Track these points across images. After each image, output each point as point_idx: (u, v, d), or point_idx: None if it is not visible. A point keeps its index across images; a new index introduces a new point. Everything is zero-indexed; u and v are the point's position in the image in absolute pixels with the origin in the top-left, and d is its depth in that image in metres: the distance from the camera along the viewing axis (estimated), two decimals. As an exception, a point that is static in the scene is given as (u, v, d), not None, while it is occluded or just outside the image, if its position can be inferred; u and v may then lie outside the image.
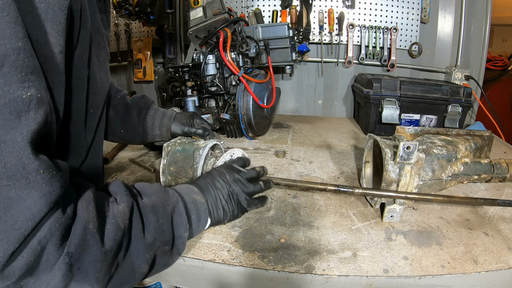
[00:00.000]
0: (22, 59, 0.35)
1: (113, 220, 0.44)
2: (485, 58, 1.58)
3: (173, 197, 0.55)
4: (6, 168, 0.33)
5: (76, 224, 0.40)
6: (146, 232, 0.48)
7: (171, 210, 0.52)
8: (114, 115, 0.87)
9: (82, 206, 0.41)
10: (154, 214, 0.50)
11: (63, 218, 0.38)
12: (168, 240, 0.51)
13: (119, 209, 0.46)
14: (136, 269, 0.47)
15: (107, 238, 0.42)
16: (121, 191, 0.49)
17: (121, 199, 0.47)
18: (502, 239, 0.71)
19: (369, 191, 0.76)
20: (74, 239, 0.39)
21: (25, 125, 0.34)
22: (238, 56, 1.25)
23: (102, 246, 0.41)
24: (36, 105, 0.36)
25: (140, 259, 0.47)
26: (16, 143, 0.33)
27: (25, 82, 0.35)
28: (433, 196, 0.74)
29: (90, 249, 0.40)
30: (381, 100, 1.32)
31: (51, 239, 0.37)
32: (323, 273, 0.61)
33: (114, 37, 1.82)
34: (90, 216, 0.41)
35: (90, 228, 0.40)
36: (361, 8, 1.55)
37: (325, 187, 0.76)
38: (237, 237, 0.71)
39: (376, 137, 0.82)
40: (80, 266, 0.40)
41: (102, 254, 0.41)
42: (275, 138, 1.37)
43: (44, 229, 0.36)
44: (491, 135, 1.02)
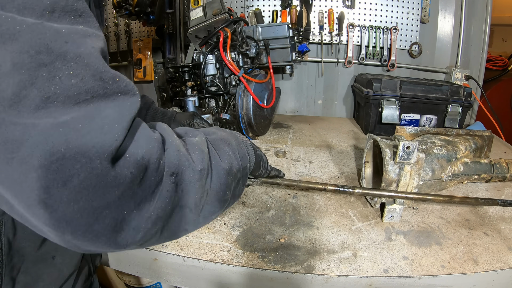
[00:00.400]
0: (70, 4, 0.35)
1: (196, 147, 0.45)
2: (485, 58, 1.58)
3: (231, 133, 0.58)
4: (84, 82, 0.32)
5: (169, 146, 0.40)
6: (222, 160, 0.50)
7: (235, 143, 0.56)
8: None
9: (166, 133, 0.41)
10: (225, 143, 0.52)
11: (154, 135, 0.38)
12: (239, 168, 0.53)
13: (197, 140, 0.47)
14: (221, 197, 0.48)
15: (197, 160, 0.43)
16: (190, 130, 0.51)
17: (193, 134, 0.49)
18: (502, 239, 0.71)
19: (369, 191, 0.76)
20: (173, 159, 0.39)
21: (93, 42, 0.34)
22: (238, 56, 1.25)
23: (195, 166, 0.42)
24: (94, 33, 0.36)
25: (224, 186, 0.48)
26: (91, 54, 0.33)
27: (75, 23, 0.35)
28: (433, 196, 0.74)
29: (188, 169, 0.41)
30: (381, 100, 1.32)
31: (151, 156, 0.36)
32: (323, 273, 0.61)
33: (114, 37, 1.82)
34: (177, 141, 0.42)
35: (182, 151, 0.41)
36: (361, 8, 1.55)
37: (325, 187, 0.76)
38: (237, 237, 0.72)
39: (376, 137, 0.82)
40: (183, 187, 0.40)
41: (197, 173, 0.42)
42: (275, 138, 1.37)
43: (140, 144, 0.35)
44: (491, 135, 1.02)
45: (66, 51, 0.31)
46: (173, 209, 0.39)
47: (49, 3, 0.33)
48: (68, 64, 0.31)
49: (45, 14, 0.32)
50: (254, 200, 0.86)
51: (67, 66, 0.31)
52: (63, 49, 0.31)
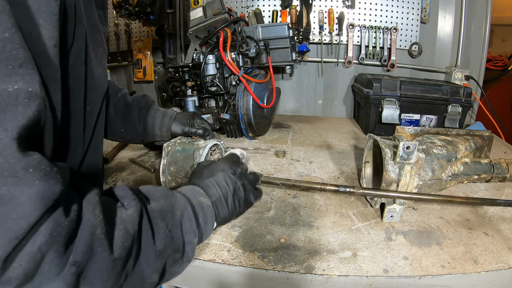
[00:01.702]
0: (8, 51, 0.32)
1: (122, 225, 0.41)
2: (485, 58, 1.58)
3: (181, 201, 0.52)
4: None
5: (82, 229, 0.36)
6: (156, 239, 0.45)
7: (180, 215, 0.50)
8: (114, 114, 0.86)
9: (88, 209, 0.38)
10: (163, 219, 0.47)
11: (66, 221, 0.35)
12: (178, 247, 0.48)
13: (128, 214, 0.43)
14: (146, 278, 0.44)
15: (116, 245, 0.39)
16: (128, 195, 0.46)
17: (129, 204, 0.45)
18: (502, 239, 0.71)
19: (369, 191, 0.76)
20: (81, 246, 0.35)
21: (11, 120, 0.31)
22: (238, 56, 1.25)
23: (111, 253, 0.38)
24: (25, 99, 0.33)
25: (150, 268, 0.44)
26: (0, 140, 0.30)
27: (12, 75, 0.32)
28: (433, 196, 0.74)
29: (98, 256, 0.37)
30: (381, 100, 1.32)
31: (52, 245, 0.33)
32: (323, 273, 0.61)
33: (114, 37, 1.82)
34: (97, 221, 0.38)
35: (97, 234, 0.37)
36: (361, 8, 1.55)
37: (325, 187, 0.76)
38: (237, 237, 0.71)
39: (376, 137, 0.82)
40: (87, 275, 0.36)
41: (110, 263, 0.38)
42: (275, 138, 1.37)
43: (43, 233, 0.32)
44: (491, 135, 1.02)
45: None
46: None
47: None
48: None
49: None
50: (254, 200, 0.86)
51: None
52: None
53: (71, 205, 0.37)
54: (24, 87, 0.33)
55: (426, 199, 0.74)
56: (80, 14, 0.50)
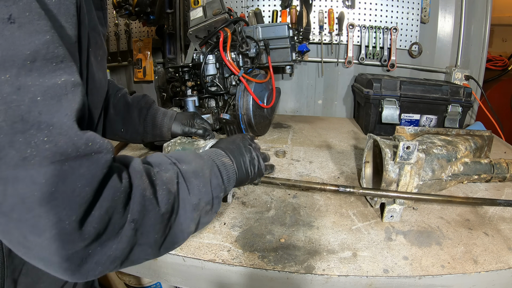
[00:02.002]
0: (52, 51, 0.37)
1: (164, 186, 0.48)
2: (485, 58, 1.58)
3: (208, 161, 0.60)
4: (57, 147, 0.35)
5: (135, 192, 0.43)
6: (191, 195, 0.52)
7: (209, 173, 0.57)
8: (114, 114, 0.86)
9: (135, 176, 0.44)
10: (196, 178, 0.54)
11: (122, 187, 0.41)
12: (209, 200, 0.56)
13: (167, 177, 0.50)
14: (185, 229, 0.51)
15: (162, 202, 0.46)
16: (165, 161, 0.53)
17: (166, 168, 0.51)
18: (502, 239, 0.71)
19: (369, 191, 0.76)
20: (136, 206, 0.42)
21: (67, 107, 0.37)
22: (238, 56, 1.25)
23: (159, 209, 0.45)
24: (72, 88, 0.38)
25: (189, 219, 0.52)
26: (64, 124, 0.36)
27: (57, 71, 0.37)
28: (433, 196, 0.74)
29: (150, 213, 0.44)
30: (381, 100, 1.32)
31: (116, 207, 0.40)
32: (323, 273, 0.61)
33: (114, 37, 1.82)
34: (145, 184, 0.45)
35: (147, 195, 0.44)
36: (361, 8, 1.55)
37: (325, 187, 0.76)
38: (237, 237, 0.72)
39: (376, 137, 0.82)
40: (143, 230, 0.43)
41: (159, 217, 0.45)
42: (275, 138, 1.37)
43: (107, 198, 0.38)
44: (491, 135, 1.02)
45: (40, 122, 0.35)
46: (131, 249, 0.43)
47: (29, 53, 0.34)
48: (42, 132, 0.34)
49: (26, 65, 0.34)
50: (254, 200, 0.86)
51: (41, 133, 0.34)
52: (37, 120, 0.34)
53: (122, 173, 0.43)
54: (68, 78, 0.38)
55: (426, 199, 0.74)
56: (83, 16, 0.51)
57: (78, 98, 0.39)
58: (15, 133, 0.33)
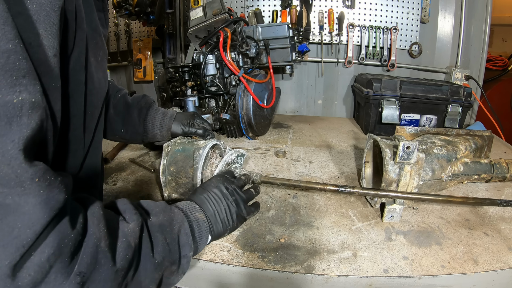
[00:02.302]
0: (12, 62, 0.33)
1: (124, 238, 0.43)
2: (485, 58, 1.58)
3: (179, 216, 0.56)
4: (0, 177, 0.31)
5: (88, 241, 0.38)
6: (155, 252, 0.48)
7: (177, 229, 0.53)
8: (114, 114, 0.86)
9: (92, 222, 0.40)
10: (162, 233, 0.50)
11: (72, 233, 0.36)
12: (175, 260, 0.52)
13: (130, 228, 0.45)
14: (143, 285, 0.47)
15: (119, 257, 0.42)
16: (130, 209, 0.49)
17: (130, 218, 0.47)
18: (502, 239, 0.71)
19: (369, 191, 0.76)
20: (85, 257, 0.37)
21: (17, 132, 0.32)
22: (238, 56, 1.25)
23: (114, 265, 0.41)
24: (29, 110, 0.34)
25: (148, 279, 0.47)
26: (7, 151, 0.32)
27: (16, 86, 0.33)
28: (433, 196, 0.74)
29: (102, 268, 0.39)
30: (381, 100, 1.32)
31: (60, 255, 0.35)
32: (323, 273, 0.61)
33: (114, 37, 1.82)
34: (101, 234, 0.40)
35: (102, 246, 0.39)
36: (361, 8, 1.55)
37: (325, 187, 0.76)
38: (237, 237, 0.71)
39: (376, 137, 0.82)
40: (90, 285, 0.38)
41: (113, 274, 0.40)
42: (275, 138, 1.37)
43: (51, 244, 0.34)
44: (491, 135, 1.02)
45: None
46: None
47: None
48: None
49: None
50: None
51: None
52: None
53: (76, 217, 0.38)
54: (27, 97, 0.34)
55: (426, 199, 0.74)
56: (81, 19, 0.50)
57: (34, 123, 0.34)
58: None
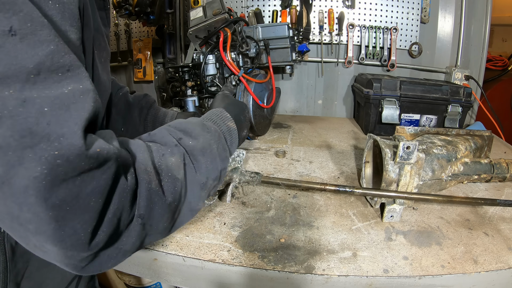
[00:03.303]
0: (57, 61, 0.35)
1: (170, 173, 0.47)
2: (485, 58, 1.58)
3: (215, 134, 0.59)
4: (69, 161, 0.34)
5: (141, 187, 0.42)
6: (199, 174, 0.52)
7: (216, 148, 0.56)
8: (115, 113, 0.86)
9: (140, 169, 0.43)
10: (203, 155, 0.53)
11: (128, 187, 0.41)
12: (217, 176, 0.56)
13: (173, 162, 0.48)
14: (193, 208, 0.52)
15: (168, 191, 0.46)
16: (170, 142, 0.51)
17: (172, 151, 0.50)
18: (502, 239, 0.71)
19: (369, 191, 0.76)
20: (142, 201, 0.42)
21: (77, 116, 0.36)
22: (238, 56, 1.25)
23: (166, 199, 0.45)
24: (80, 95, 0.37)
25: (197, 198, 0.52)
26: (74, 134, 0.35)
27: (63, 81, 0.36)
28: (433, 196, 0.74)
29: (157, 205, 0.44)
30: (381, 100, 1.32)
31: (124, 208, 0.40)
32: (323, 273, 0.61)
33: (114, 37, 1.82)
34: (150, 176, 0.44)
35: (153, 188, 0.44)
36: (361, 8, 1.55)
37: (325, 187, 0.76)
38: (237, 237, 0.72)
39: (376, 137, 0.82)
40: (151, 222, 0.44)
41: (167, 207, 0.46)
42: (275, 138, 1.37)
43: (115, 201, 0.39)
44: (491, 135, 1.02)
45: (49, 134, 0.33)
46: (142, 241, 0.45)
47: (33, 66, 0.33)
48: (53, 145, 0.33)
49: (30, 79, 0.33)
50: (254, 200, 0.86)
51: (52, 146, 0.33)
52: (46, 131, 0.33)
53: (128, 170, 0.42)
54: (76, 86, 0.37)
55: (426, 199, 0.74)
56: (88, 17, 0.50)
57: (88, 105, 0.37)
58: (24, 149, 0.32)
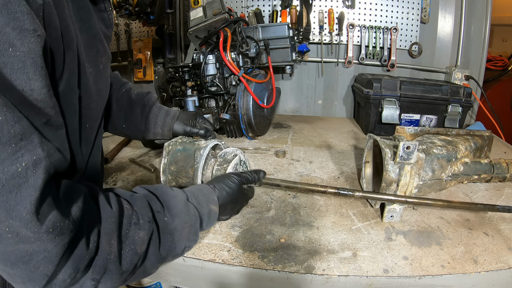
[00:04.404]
0: (7, 132, 0.34)
1: (132, 246, 0.49)
2: (485, 58, 1.58)
3: (193, 217, 0.59)
4: (20, 237, 0.37)
5: (99, 257, 0.45)
6: (161, 250, 0.54)
7: (187, 231, 0.58)
8: (117, 109, 0.86)
9: (104, 240, 0.46)
10: (171, 235, 0.55)
11: (86, 255, 0.43)
12: (179, 253, 0.58)
13: (139, 236, 0.50)
14: (147, 271, 0.54)
15: (125, 261, 0.48)
16: (145, 216, 0.53)
17: (143, 226, 0.51)
18: (502, 239, 0.71)
19: (369, 194, 0.75)
20: (98, 268, 0.45)
21: (27, 197, 0.36)
22: (238, 56, 1.25)
23: (120, 268, 0.48)
24: (33, 170, 0.37)
25: (152, 267, 0.54)
26: (23, 218, 0.36)
27: (17, 152, 0.35)
28: (432, 201, 0.72)
29: (111, 272, 0.47)
30: (381, 100, 1.32)
31: (78, 271, 0.43)
32: (323, 273, 0.61)
33: (114, 37, 1.82)
34: (111, 248, 0.46)
35: (111, 258, 0.46)
36: (361, 8, 1.55)
37: (325, 190, 0.75)
38: (237, 237, 0.72)
39: (376, 137, 0.82)
40: (103, 282, 0.47)
41: (120, 274, 0.48)
42: (275, 138, 1.37)
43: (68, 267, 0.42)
44: (491, 135, 1.02)
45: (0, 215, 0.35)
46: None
47: None
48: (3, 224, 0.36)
49: None
50: (254, 200, 0.86)
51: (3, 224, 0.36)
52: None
53: (91, 235, 0.45)
54: (29, 158, 0.37)
55: (426, 203, 0.72)
56: (69, 40, 0.49)
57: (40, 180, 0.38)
58: None
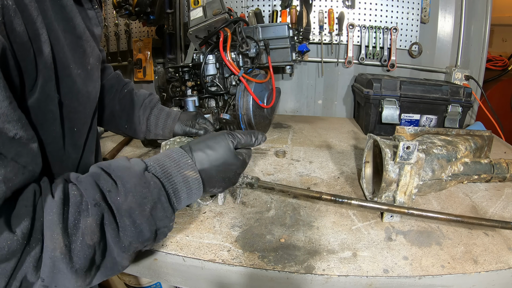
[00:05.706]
0: None
1: (82, 238, 0.44)
2: (485, 58, 1.58)
3: (154, 191, 0.49)
4: None
5: (44, 255, 0.42)
6: (122, 236, 0.47)
7: (150, 208, 0.49)
8: (119, 109, 0.88)
9: (46, 235, 0.42)
10: (129, 217, 0.47)
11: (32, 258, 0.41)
12: (149, 237, 0.49)
13: (87, 225, 0.44)
14: (118, 263, 0.49)
15: (76, 257, 0.43)
16: (91, 198, 0.45)
17: (90, 211, 0.45)
18: (502, 239, 0.71)
19: (366, 204, 0.73)
20: (45, 268, 0.42)
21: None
22: (238, 56, 1.25)
23: (72, 266, 0.43)
24: None
25: (120, 257, 0.48)
26: None
27: None
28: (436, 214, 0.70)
29: (61, 271, 0.43)
30: (381, 100, 1.32)
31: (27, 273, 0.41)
32: (323, 273, 0.61)
33: (114, 37, 1.82)
34: (55, 243, 0.42)
35: (56, 255, 0.42)
36: (361, 8, 1.55)
37: (320, 196, 0.73)
38: (237, 237, 0.72)
39: (376, 137, 0.82)
40: (57, 284, 0.43)
41: (73, 273, 0.43)
42: (275, 138, 1.37)
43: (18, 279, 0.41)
44: (491, 135, 1.02)
45: None
46: None
47: None
48: None
49: None
50: (254, 200, 0.86)
51: None
52: None
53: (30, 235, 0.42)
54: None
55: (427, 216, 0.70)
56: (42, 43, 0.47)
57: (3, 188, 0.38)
58: None
